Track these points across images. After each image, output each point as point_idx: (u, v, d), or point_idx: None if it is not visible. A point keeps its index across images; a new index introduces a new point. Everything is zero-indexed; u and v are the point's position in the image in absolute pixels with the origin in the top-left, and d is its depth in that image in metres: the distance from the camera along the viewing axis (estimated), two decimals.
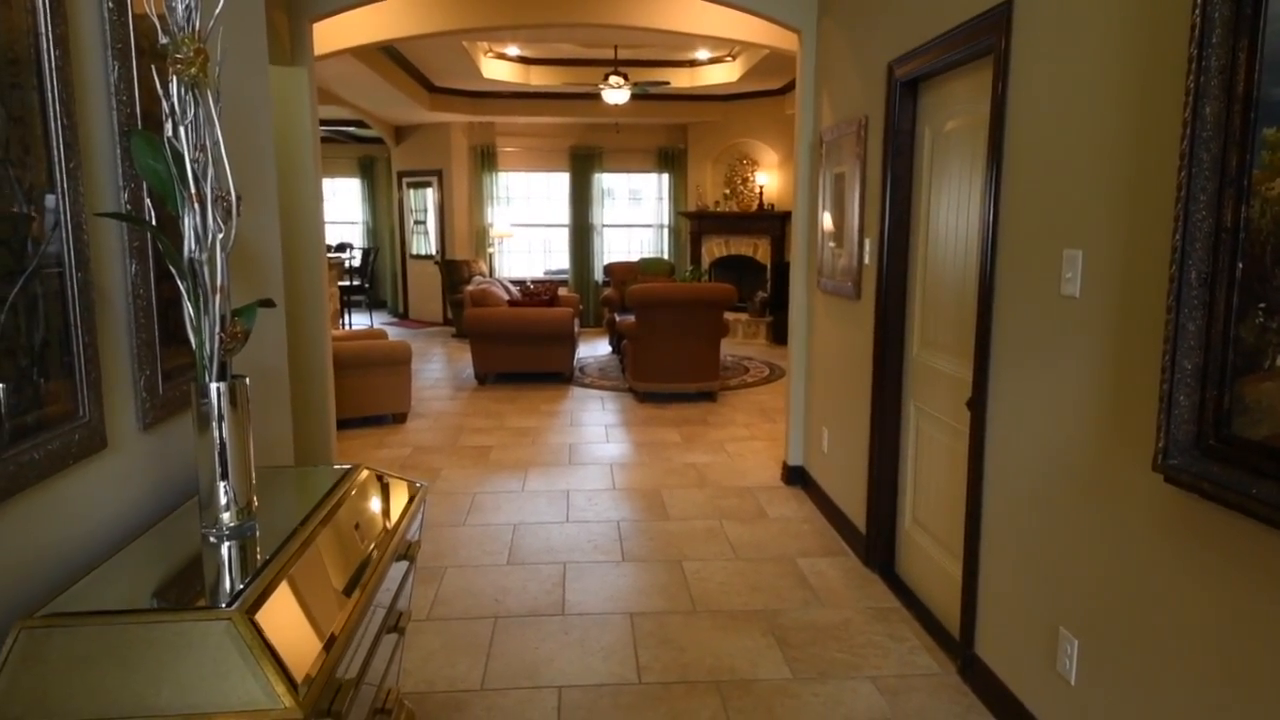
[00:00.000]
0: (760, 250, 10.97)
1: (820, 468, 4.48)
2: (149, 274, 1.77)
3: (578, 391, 7.42)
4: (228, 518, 1.66)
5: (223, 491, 1.65)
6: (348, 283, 11.00)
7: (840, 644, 3.01)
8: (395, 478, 2.24)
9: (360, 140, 13.29)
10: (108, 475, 1.64)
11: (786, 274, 9.35)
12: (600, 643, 3.01)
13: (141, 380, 1.75)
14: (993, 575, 2.61)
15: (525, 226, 12.35)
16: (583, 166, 11.77)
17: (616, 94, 8.44)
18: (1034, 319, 2.34)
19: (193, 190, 1.56)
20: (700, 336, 6.83)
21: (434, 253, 11.92)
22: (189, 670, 1.26)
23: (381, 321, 12.22)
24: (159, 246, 1.72)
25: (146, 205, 1.77)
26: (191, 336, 1.60)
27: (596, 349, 9.86)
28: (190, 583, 1.54)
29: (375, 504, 2.09)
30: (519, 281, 10.81)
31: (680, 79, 9.82)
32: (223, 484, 1.65)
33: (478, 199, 11.82)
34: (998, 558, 2.57)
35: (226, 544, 1.64)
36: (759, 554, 3.83)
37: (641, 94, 8.99)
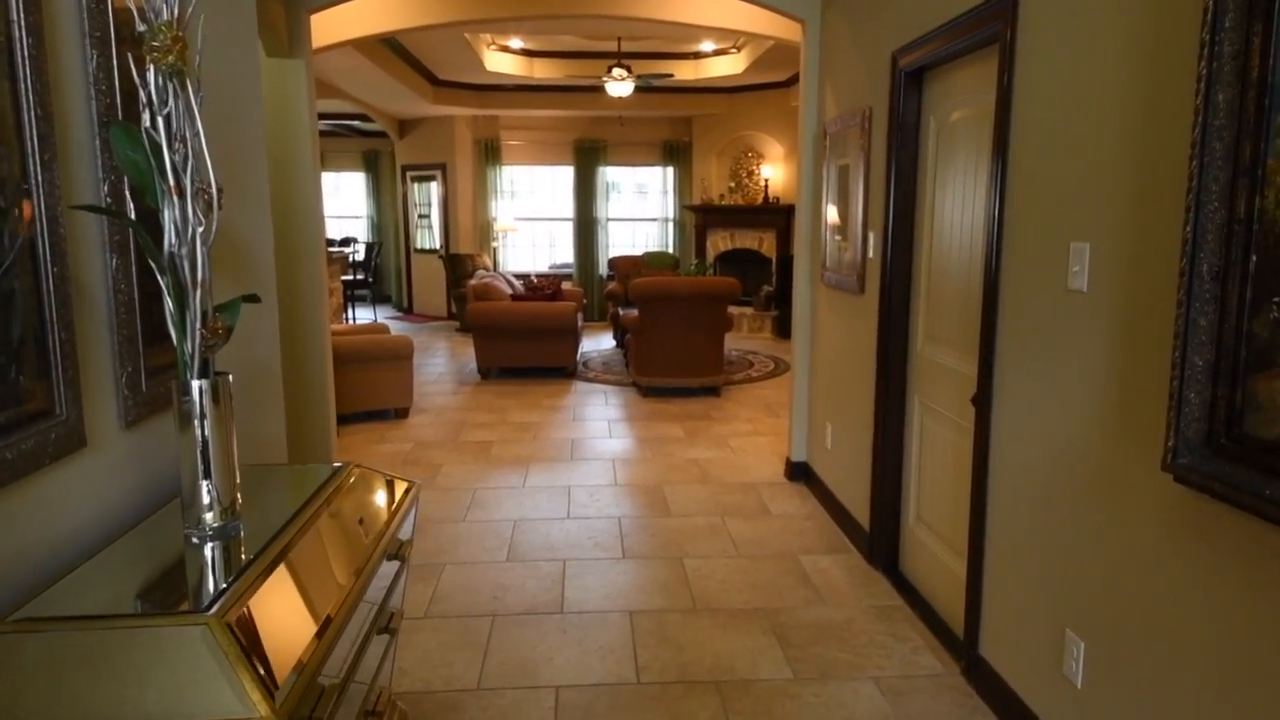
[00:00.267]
0: (765, 244, 10.90)
1: (824, 464, 4.43)
2: (131, 268, 1.73)
3: (581, 386, 7.39)
4: (210, 518, 1.62)
5: (205, 491, 1.62)
6: (351, 277, 10.97)
7: (842, 643, 2.97)
8: (387, 476, 2.20)
9: (364, 134, 13.26)
10: (87, 474, 1.60)
11: (792, 267, 9.30)
12: (599, 641, 2.97)
13: (124, 377, 1.71)
14: (997, 575, 2.56)
15: (529, 220, 12.30)
16: (587, 160, 11.72)
17: (620, 87, 8.38)
18: (1040, 314, 2.29)
19: (171, 183, 1.52)
20: (704, 331, 6.78)
21: (438, 247, 11.88)
22: (164, 677, 1.23)
23: (386, 316, 12.20)
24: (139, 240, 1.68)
25: (127, 198, 1.73)
26: (173, 333, 1.57)
27: (601, 343, 9.81)
28: (169, 585, 1.51)
29: (365, 503, 2.05)
30: (523, 275, 10.78)
31: (685, 71, 9.75)
32: (205, 484, 1.62)
33: (482, 193, 11.78)
34: (1003, 557, 2.52)
35: (209, 545, 1.61)
36: (761, 551, 3.79)
37: (645, 87, 8.92)
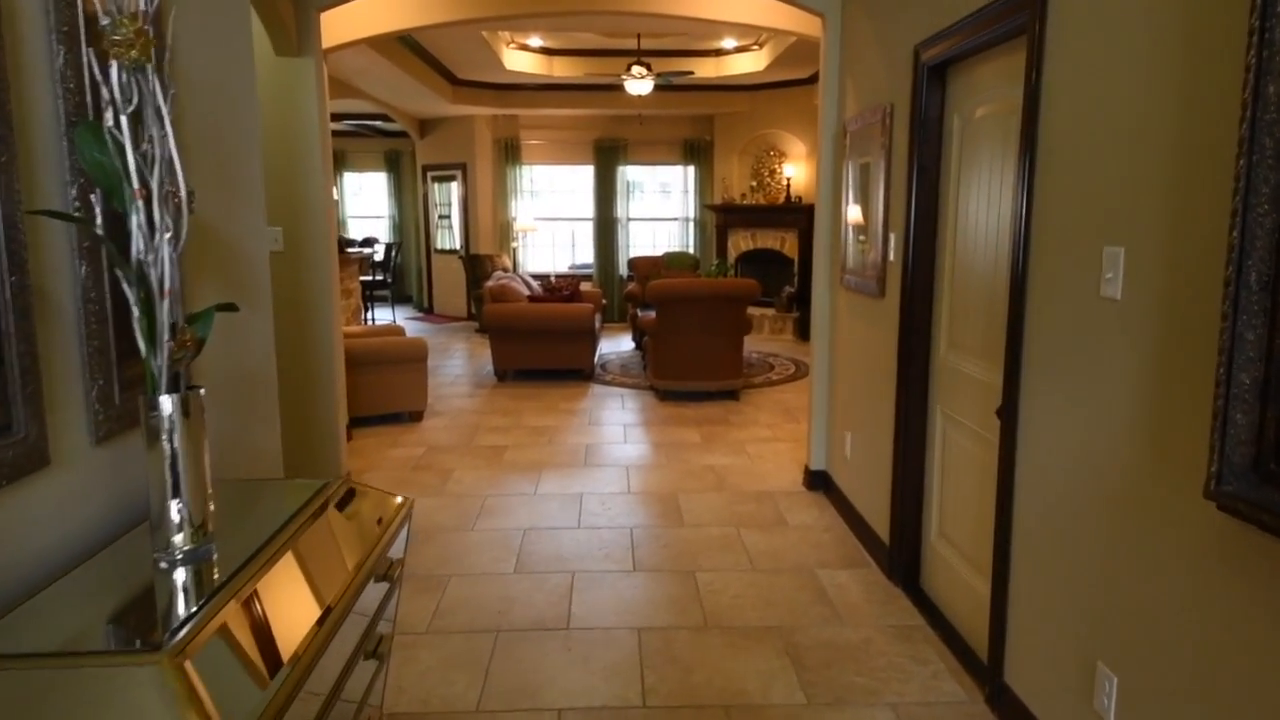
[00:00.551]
0: (788, 244, 10.74)
1: (843, 473, 4.29)
2: (103, 276, 1.64)
3: (598, 389, 7.29)
4: (180, 540, 1.53)
5: (175, 511, 1.53)
6: (371, 278, 10.95)
7: (859, 666, 2.84)
8: (378, 492, 2.11)
9: (385, 134, 13.26)
10: (51, 495, 1.52)
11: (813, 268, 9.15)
12: (604, 661, 2.87)
13: (94, 391, 1.62)
14: (1024, 598, 2.42)
15: (549, 220, 12.23)
16: (607, 159, 11.62)
17: (639, 85, 8.27)
18: (1070, 322, 2.15)
19: (136, 186, 1.43)
20: (722, 333, 6.65)
21: (458, 247, 11.85)
22: None
23: (406, 317, 12.19)
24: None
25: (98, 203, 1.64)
26: (140, 345, 1.48)
27: (620, 345, 9.71)
28: (130, 616, 1.42)
29: (352, 521, 1.95)
30: (541, 276, 10.71)
31: (706, 69, 9.62)
32: (174, 503, 1.53)
33: (501, 193, 11.72)
34: (1029, 580, 2.38)
35: (178, 570, 1.52)
36: (776, 565, 3.66)
37: (665, 84, 8.80)
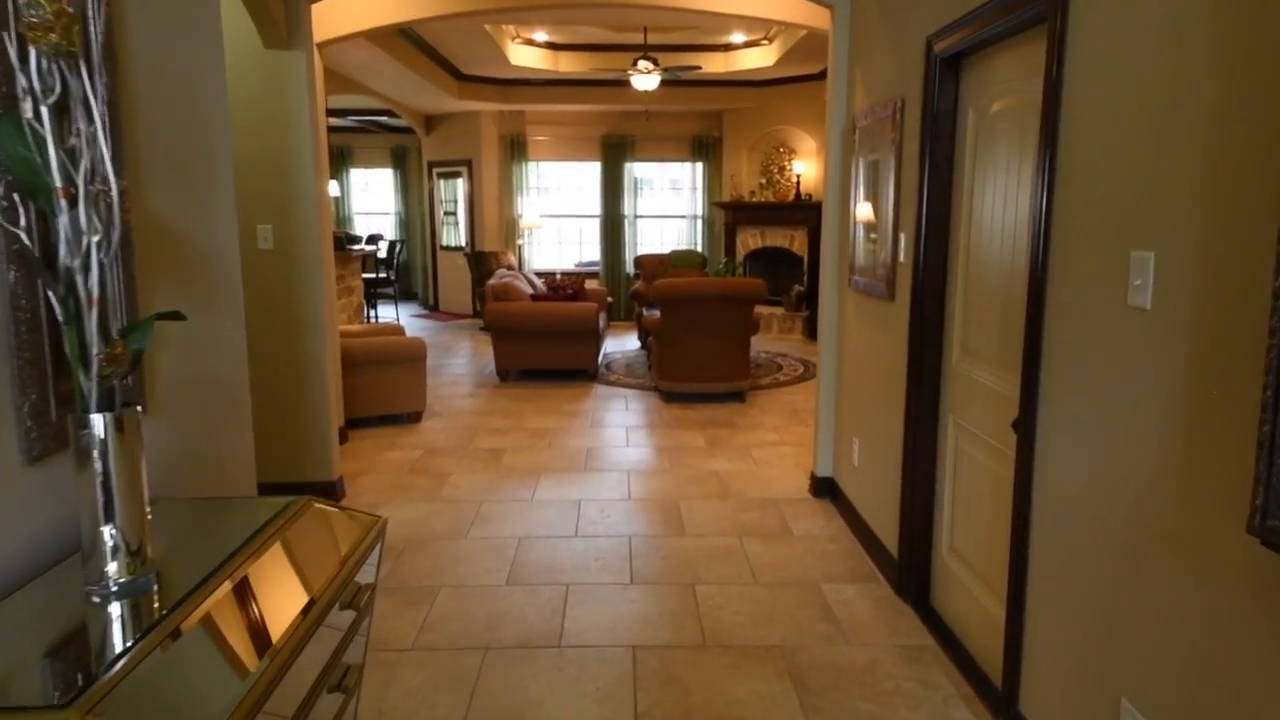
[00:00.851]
0: (797, 242, 10.56)
1: (850, 481, 4.13)
2: (35, 282, 1.51)
3: (601, 390, 7.14)
4: (115, 570, 1.40)
5: (108, 538, 1.40)
6: (374, 275, 10.84)
7: (865, 689, 2.69)
8: (347, 511, 1.97)
9: (392, 130, 13.15)
10: None
11: None
12: (597, 682, 2.73)
13: (26, 406, 1.49)
14: (1042, 625, 2.26)
15: (556, 217, 12.09)
16: (614, 155, 11.47)
17: (646, 80, 8.11)
18: (1094, 333, 1.99)
19: (59, 184, 1.30)
20: (729, 334, 6.49)
21: (463, 244, 11.72)
22: None
23: (411, 314, 12.08)
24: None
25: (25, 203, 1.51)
26: (70, 358, 1.35)
27: (626, 344, 9.57)
28: (51, 660, 1.28)
29: (316, 544, 1.82)
30: (546, 274, 10.57)
31: (714, 64, 9.45)
32: (107, 529, 1.40)
33: (507, 189, 11.59)
34: (1048, 605, 2.22)
35: (112, 604, 1.39)
36: (780, 578, 3.51)
37: (672, 79, 8.64)
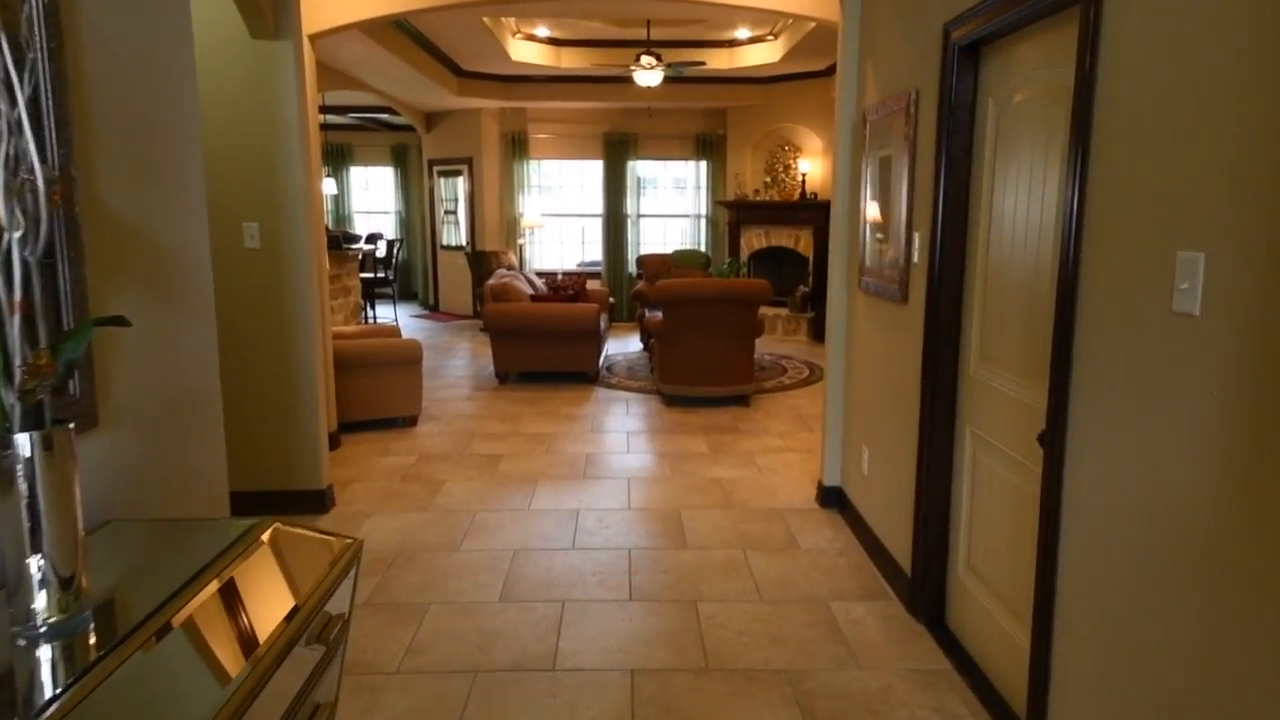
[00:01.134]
0: (802, 242, 10.39)
1: (860, 491, 3.97)
2: None
3: (602, 393, 6.98)
4: (43, 608, 1.25)
5: (35, 571, 1.24)
6: (372, 275, 10.68)
7: (877, 718, 2.52)
8: (318, 535, 1.81)
9: (392, 128, 13.01)
10: None
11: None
12: (592, 710, 2.56)
13: None
14: (1072, 654, 2.09)
15: (557, 216, 11.93)
16: (617, 153, 11.30)
17: (649, 76, 7.95)
18: (1134, 341, 1.82)
19: None
20: (732, 336, 6.33)
21: (464, 243, 11.57)
22: None
23: (411, 314, 11.93)
24: None
25: None
26: None
27: (628, 345, 9.41)
28: None
29: (281, 572, 1.66)
30: (548, 273, 10.42)
31: (719, 60, 9.28)
32: (35, 561, 1.24)
33: (508, 188, 11.43)
34: (1078, 636, 2.06)
35: (42, 647, 1.23)
36: (786, 594, 3.34)
37: (675, 75, 8.48)
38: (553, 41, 9.24)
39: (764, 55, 9.01)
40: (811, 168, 10.32)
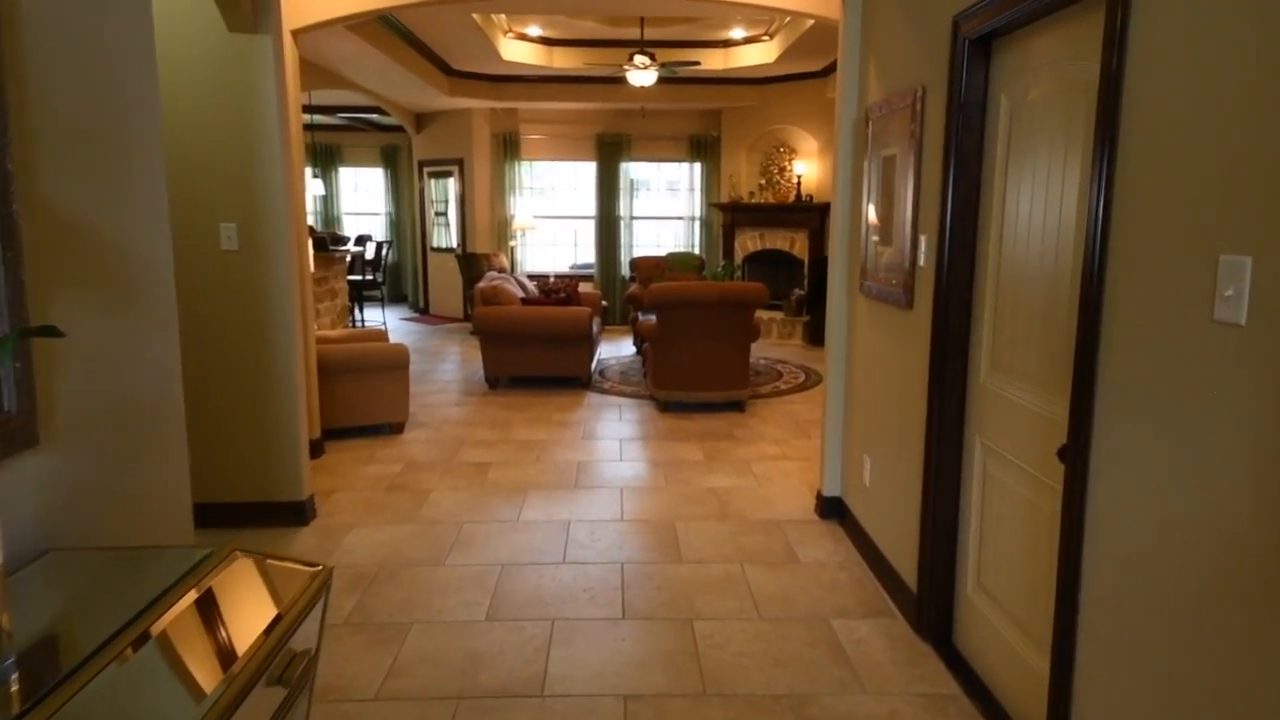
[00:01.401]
0: (797, 244, 10.27)
1: (861, 503, 3.83)
2: None
3: (594, 398, 6.84)
4: None
5: None
6: (360, 277, 10.50)
7: None
8: (284, 563, 1.66)
9: (382, 128, 12.84)
10: None
11: (825, 270, 8.67)
12: None
13: None
14: (1095, 687, 1.96)
15: (550, 218, 11.78)
16: (610, 155, 11.16)
17: (642, 76, 7.81)
18: (1168, 352, 1.69)
19: None
20: (728, 341, 6.19)
21: (455, 245, 11.41)
22: None
23: (401, 317, 11.76)
24: None
25: None
26: None
27: (621, 349, 9.27)
28: None
29: (239, 606, 1.51)
30: (540, 276, 10.26)
31: (713, 60, 9.15)
32: None
33: (499, 189, 11.27)
34: (1102, 664, 1.92)
35: None
36: (786, 612, 3.20)
37: (669, 75, 8.34)
38: (544, 41, 9.09)
39: (759, 56, 8.88)
40: (807, 170, 10.20)
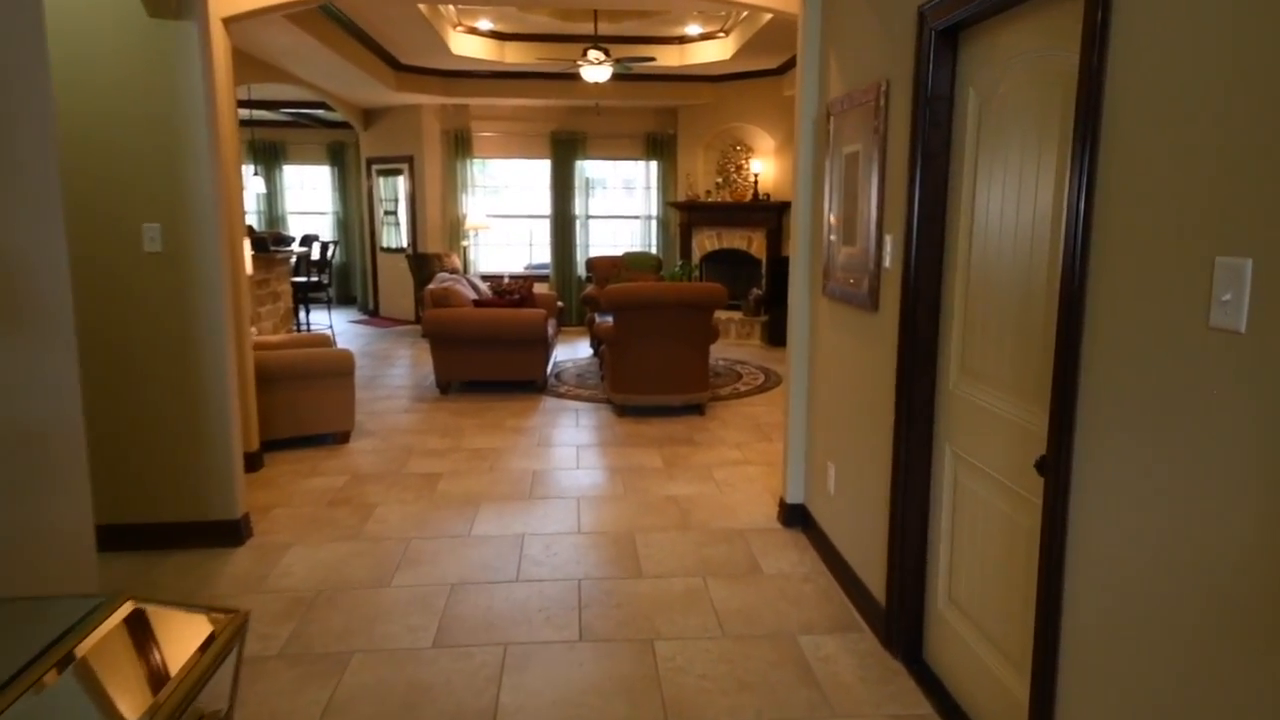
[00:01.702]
0: (755, 244, 10.19)
1: (826, 511, 3.71)
2: None
3: (550, 403, 6.65)
4: None
5: None
6: (305, 279, 10.15)
7: None
8: (190, 611, 1.46)
9: (328, 124, 12.47)
10: None
11: (783, 270, 8.59)
12: None
13: None
14: (1078, 712, 1.84)
15: (503, 218, 11.54)
16: (564, 153, 10.96)
17: (597, 71, 7.64)
18: (1158, 360, 1.58)
19: None
20: (687, 343, 6.06)
21: (405, 245, 11.11)
22: None
23: (350, 319, 11.43)
24: None
25: None
26: None
27: (577, 351, 9.08)
28: None
29: (133, 668, 1.31)
30: (494, 277, 10.04)
31: (669, 58, 9.02)
32: None
33: (451, 188, 11.00)
34: (1086, 694, 1.81)
35: None
36: (751, 629, 3.07)
37: (624, 71, 8.18)
38: (496, 35, 8.86)
39: (715, 52, 8.78)
40: (764, 168, 10.13)
